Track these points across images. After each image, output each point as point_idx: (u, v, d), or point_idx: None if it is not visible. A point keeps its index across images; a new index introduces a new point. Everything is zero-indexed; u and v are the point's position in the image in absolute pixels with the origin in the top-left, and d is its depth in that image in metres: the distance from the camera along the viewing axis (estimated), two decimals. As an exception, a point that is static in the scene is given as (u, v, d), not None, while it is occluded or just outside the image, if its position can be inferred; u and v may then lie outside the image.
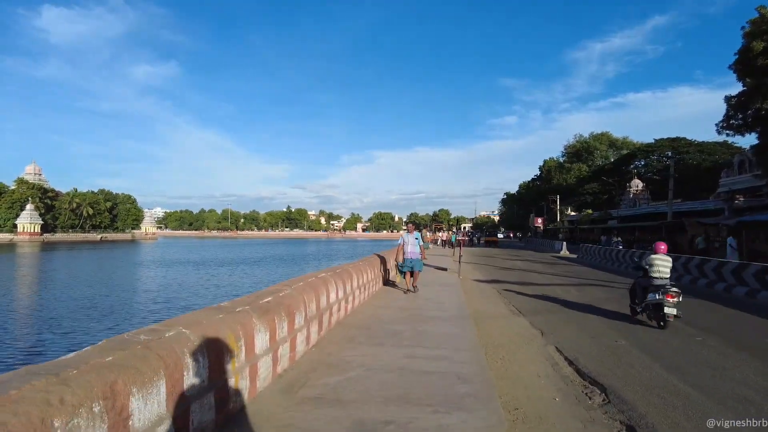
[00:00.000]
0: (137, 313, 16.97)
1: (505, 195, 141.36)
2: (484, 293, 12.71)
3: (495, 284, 14.94)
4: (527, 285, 14.78)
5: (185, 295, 21.54)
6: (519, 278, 17.02)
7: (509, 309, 10.29)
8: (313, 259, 51.90)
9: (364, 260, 10.64)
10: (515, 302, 11.14)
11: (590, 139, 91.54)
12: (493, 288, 13.96)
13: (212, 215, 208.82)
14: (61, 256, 51.67)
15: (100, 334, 12.80)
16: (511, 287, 14.13)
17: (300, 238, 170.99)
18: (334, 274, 7.41)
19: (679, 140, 70.34)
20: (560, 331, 8.09)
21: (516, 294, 12.63)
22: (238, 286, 25.48)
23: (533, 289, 13.79)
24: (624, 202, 63.89)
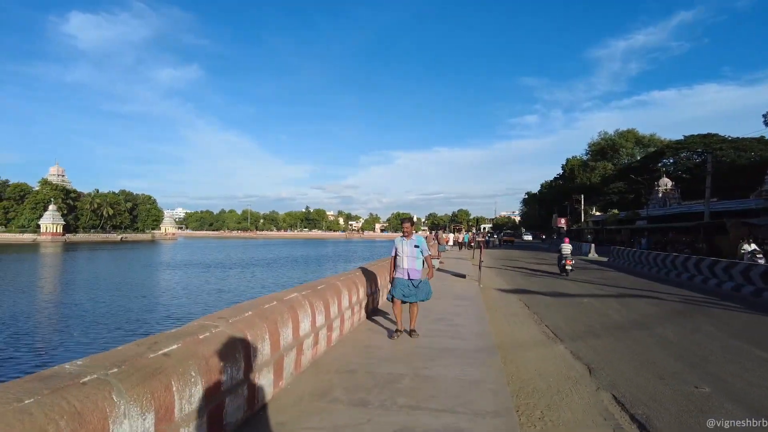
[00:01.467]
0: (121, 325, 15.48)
1: (526, 195, 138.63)
2: (509, 308, 10.73)
3: (521, 294, 12.97)
4: (559, 296, 12.78)
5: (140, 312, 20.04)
6: (548, 286, 14.98)
7: (543, 331, 8.32)
8: (328, 261, 50.25)
9: (362, 269, 8.79)
10: (549, 320, 9.19)
11: (616, 136, 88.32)
12: (519, 300, 11.99)
13: (232, 216, 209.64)
14: (80, 257, 51.08)
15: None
16: (540, 299, 12.16)
17: (318, 238, 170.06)
18: (313, 293, 5.59)
19: (711, 136, 67.05)
20: (614, 366, 6.13)
21: (547, 308, 10.66)
22: (232, 292, 23.93)
23: (566, 301, 11.80)
24: (652, 201, 60.94)
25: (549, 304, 11.23)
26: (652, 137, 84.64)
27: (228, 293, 22.87)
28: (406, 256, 6.74)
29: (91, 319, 15.77)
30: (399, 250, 6.83)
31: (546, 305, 11.09)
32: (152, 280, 28.70)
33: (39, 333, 13.70)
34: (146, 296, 21.59)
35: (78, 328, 14.22)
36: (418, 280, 6.70)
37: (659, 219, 51.63)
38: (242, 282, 28.05)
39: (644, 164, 72.90)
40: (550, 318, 9.43)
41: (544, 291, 13.75)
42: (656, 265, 20.62)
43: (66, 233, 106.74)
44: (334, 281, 6.75)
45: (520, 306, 11.06)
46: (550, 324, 8.83)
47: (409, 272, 6.71)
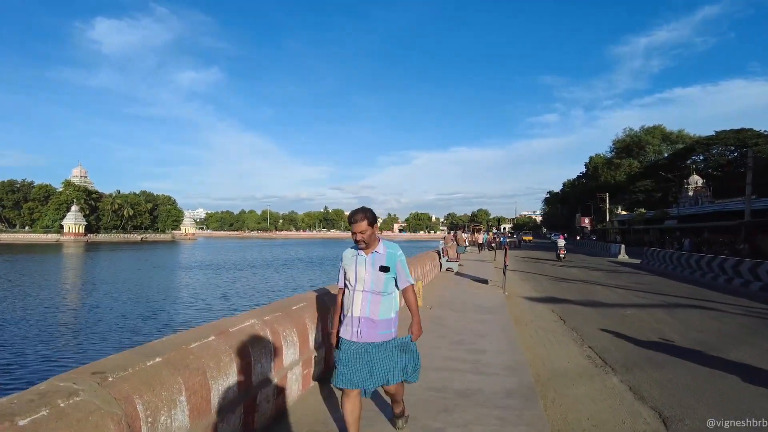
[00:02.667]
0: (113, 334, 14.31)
1: (548, 194, 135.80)
2: (542, 322, 9.11)
3: (553, 304, 11.33)
4: (597, 306, 11.11)
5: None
6: (581, 294, 13.29)
7: (587, 355, 6.69)
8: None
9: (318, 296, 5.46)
10: (592, 339, 7.56)
11: (641, 132, 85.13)
12: (552, 311, 10.35)
13: (252, 216, 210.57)
14: (97, 258, 50.75)
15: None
16: (576, 310, 10.51)
17: (336, 238, 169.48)
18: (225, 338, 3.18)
19: (745, 131, 63.92)
20: (695, 412, 4.50)
21: (587, 322, 9.00)
22: (237, 296, 22.75)
23: (606, 312, 10.14)
24: (682, 200, 58.20)
25: (587, 317, 9.59)
26: (680, 133, 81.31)
27: (232, 297, 21.67)
28: (359, 290, 3.20)
29: (81, 328, 14.64)
30: (349, 275, 3.29)
31: (584, 318, 9.46)
32: (159, 283, 27.71)
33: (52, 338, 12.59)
34: (141, 301, 20.48)
35: (63, 338, 13.08)
36: (385, 344, 3.19)
37: (691, 218, 49.00)
38: (245, 286, 26.90)
39: (672, 161, 70.07)
40: (592, 336, 7.82)
41: (578, 300, 12.08)
42: (699, 269, 18.68)
43: (88, 234, 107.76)
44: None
45: (554, 319, 9.45)
46: (595, 345, 7.21)
47: (362, 326, 3.16)
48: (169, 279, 29.63)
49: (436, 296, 10.79)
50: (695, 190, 56.86)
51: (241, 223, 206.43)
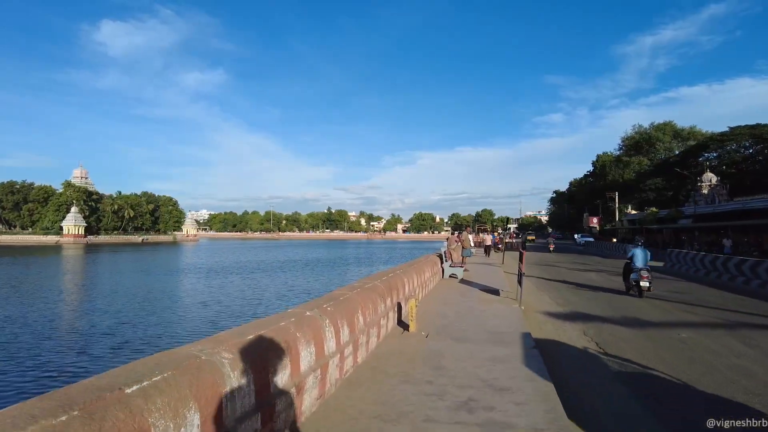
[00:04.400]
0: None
1: (554, 193, 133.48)
2: (575, 352, 6.90)
3: (582, 323, 9.07)
4: (637, 326, 8.83)
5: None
6: (613, 308, 11.00)
7: (658, 417, 4.47)
8: (341, 265, 46.85)
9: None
10: (655, 386, 5.36)
11: (651, 129, 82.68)
12: (583, 334, 8.09)
13: (255, 217, 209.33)
14: (94, 260, 49.12)
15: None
16: (615, 332, 8.22)
17: (340, 239, 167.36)
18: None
19: (761, 127, 61.33)
20: None
21: (638, 355, 6.56)
22: (220, 305, 20.67)
23: (656, 336, 7.89)
24: (695, 198, 55.68)
25: (634, 345, 7.30)
26: (692, 130, 78.79)
27: (216, 306, 19.55)
28: None
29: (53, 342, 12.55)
30: None
31: (630, 347, 7.16)
32: (145, 291, 25.63)
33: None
34: (118, 313, 18.38)
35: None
36: None
37: (708, 217, 46.55)
38: (236, 292, 24.80)
39: (684, 159, 67.65)
40: (651, 381, 5.57)
41: (612, 317, 9.81)
42: (741, 274, 16.35)
43: (88, 235, 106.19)
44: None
45: (592, 348, 7.18)
46: (667, 402, 4.96)
47: None
48: (160, 286, 27.55)
49: (436, 315, 8.59)
50: (710, 188, 54.41)
51: (244, 224, 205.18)
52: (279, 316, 3.97)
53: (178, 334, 13.73)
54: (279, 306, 19.56)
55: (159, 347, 11.79)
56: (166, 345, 11.84)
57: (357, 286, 6.01)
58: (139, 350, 11.77)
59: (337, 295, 5.15)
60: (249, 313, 17.58)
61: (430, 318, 8.18)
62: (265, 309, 18.82)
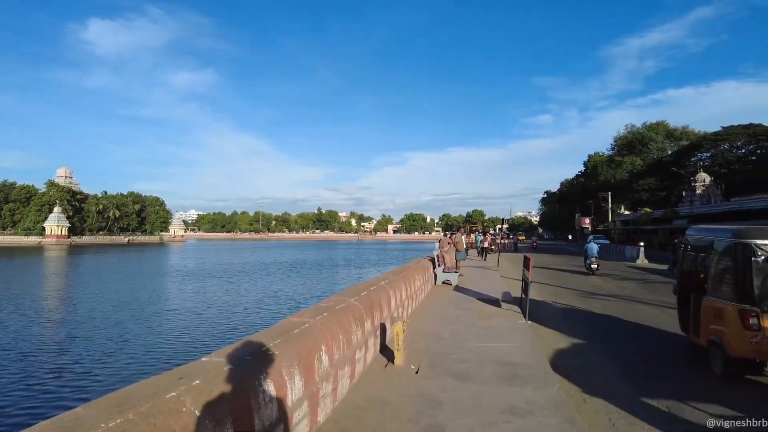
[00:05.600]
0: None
1: (545, 194, 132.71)
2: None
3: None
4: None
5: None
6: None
7: None
8: (330, 267, 45.25)
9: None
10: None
11: (644, 129, 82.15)
12: (609, 362, 6.68)
13: (244, 217, 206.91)
14: (80, 262, 47.07)
15: None
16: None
17: (330, 240, 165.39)
18: None
19: (754, 126, 60.83)
20: None
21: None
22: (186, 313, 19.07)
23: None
24: (690, 198, 54.89)
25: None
26: (684, 130, 78.25)
27: (187, 318, 17.93)
28: None
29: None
30: None
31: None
32: (115, 297, 23.93)
33: None
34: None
35: None
36: None
37: (704, 218, 45.61)
38: (213, 299, 23.19)
39: (677, 159, 67.02)
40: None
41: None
42: None
43: (71, 236, 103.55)
44: None
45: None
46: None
47: None
48: (126, 292, 25.82)
49: (429, 336, 7.11)
50: (705, 188, 53.65)
51: (233, 224, 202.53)
52: (177, 373, 2.47)
53: (131, 362, 11.65)
54: (256, 315, 18.01)
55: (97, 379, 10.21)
56: (106, 377, 10.27)
57: (324, 308, 4.51)
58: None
59: (291, 327, 3.65)
60: (220, 326, 15.96)
61: (421, 341, 6.70)
62: (241, 318, 17.25)
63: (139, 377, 3.10)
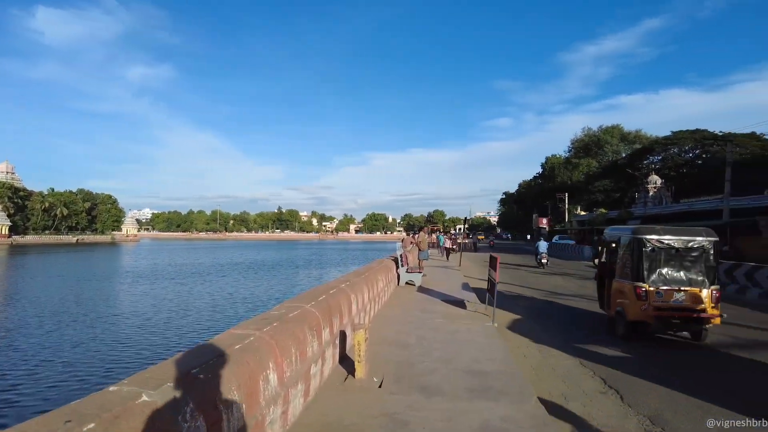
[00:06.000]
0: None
1: (504, 194, 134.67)
2: (593, 411, 5.08)
3: (575, 347, 7.35)
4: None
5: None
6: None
7: None
8: (290, 268, 44.23)
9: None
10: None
11: (600, 132, 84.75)
12: (584, 369, 6.34)
13: (201, 216, 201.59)
14: (18, 263, 43.89)
15: None
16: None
17: (290, 239, 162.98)
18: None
19: (701, 132, 63.46)
20: None
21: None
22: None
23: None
24: (641, 200, 56.79)
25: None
26: (638, 133, 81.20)
27: (130, 324, 16.79)
28: None
29: None
30: None
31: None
32: (47, 301, 22.31)
33: None
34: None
35: None
36: None
37: (657, 218, 47.18)
38: (162, 303, 21.99)
39: (631, 161, 69.23)
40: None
41: (600, 338, 8.12)
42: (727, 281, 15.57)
43: (12, 235, 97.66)
44: None
45: (600, 390, 5.39)
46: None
47: None
48: (59, 296, 24.17)
49: (392, 343, 6.59)
50: (656, 190, 55.51)
51: (189, 223, 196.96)
52: (64, 413, 1.84)
53: (52, 385, 9.99)
54: (210, 320, 17.06)
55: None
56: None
57: (275, 317, 3.90)
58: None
59: (231, 342, 3.03)
60: (169, 333, 14.92)
61: (385, 349, 6.17)
62: (192, 324, 16.25)
63: (51, 405, 2.43)
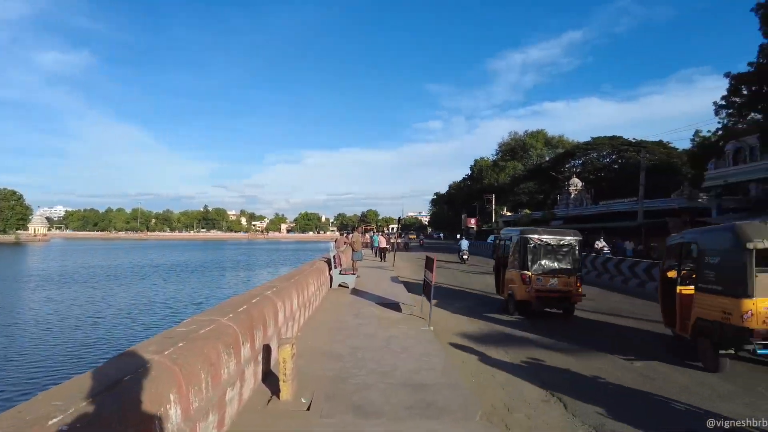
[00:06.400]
0: None
1: (435, 195, 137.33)
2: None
3: (515, 351, 7.14)
4: (583, 354, 7.11)
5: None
6: (541, 326, 9.38)
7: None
8: (215, 269, 42.25)
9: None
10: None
11: (525, 136, 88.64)
12: (522, 373, 6.10)
13: (120, 215, 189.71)
14: None
15: None
16: (561, 365, 6.39)
17: (218, 239, 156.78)
18: None
19: (617, 138, 67.66)
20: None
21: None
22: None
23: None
24: (564, 201, 59.79)
25: (592, 391, 5.45)
26: (561, 138, 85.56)
27: (32, 336, 15.02)
28: None
29: None
30: None
31: (591, 393, 5.30)
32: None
33: None
34: None
35: None
36: None
37: (578, 219, 49.74)
38: (67, 309, 20.05)
39: (554, 165, 72.56)
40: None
41: (547, 342, 7.98)
42: (619, 273, 16.68)
43: None
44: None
45: (541, 398, 5.14)
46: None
47: None
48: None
49: (323, 355, 6.02)
50: (577, 192, 58.50)
51: (107, 222, 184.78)
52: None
53: None
54: (125, 328, 15.62)
55: None
56: None
57: (181, 335, 3.23)
58: None
59: (123, 371, 2.36)
60: (74, 343, 13.46)
61: (314, 361, 5.60)
62: (102, 334, 14.78)
63: None
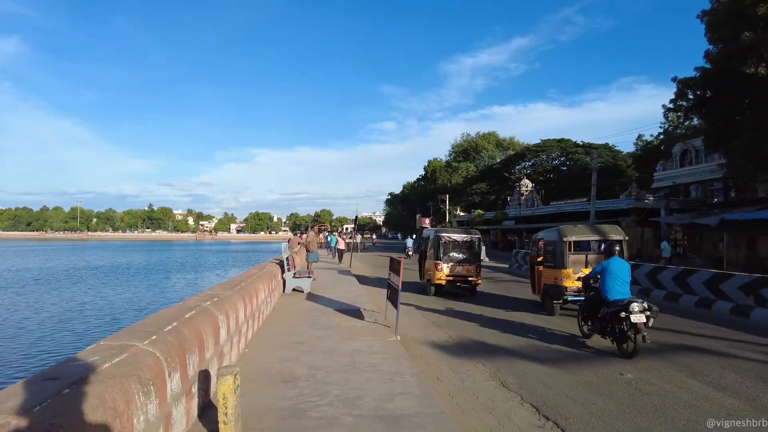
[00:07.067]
0: None
1: (389, 195, 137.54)
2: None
3: (488, 361, 6.43)
4: (558, 362, 6.43)
5: None
6: (509, 332, 8.75)
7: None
8: (159, 272, 39.93)
9: None
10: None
11: (477, 138, 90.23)
12: (496, 384, 5.38)
13: (58, 214, 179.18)
14: None
15: None
16: (536, 374, 5.70)
17: (164, 240, 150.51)
18: None
19: (565, 141, 69.59)
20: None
21: (594, 418, 4.25)
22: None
23: (594, 380, 5.54)
24: (514, 202, 60.90)
25: (572, 397, 4.80)
26: (511, 140, 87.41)
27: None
28: None
29: None
30: None
31: (571, 400, 4.64)
32: None
33: None
34: None
35: None
36: None
37: (530, 219, 50.60)
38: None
39: (505, 166, 73.80)
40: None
41: (517, 348, 7.31)
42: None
43: None
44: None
45: (524, 416, 4.43)
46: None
47: None
48: None
49: (275, 378, 5.06)
50: (529, 193, 59.59)
51: (42, 221, 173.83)
52: None
53: None
54: (53, 338, 13.92)
55: None
56: None
57: (71, 376, 2.24)
58: None
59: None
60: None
61: (264, 388, 4.63)
62: (27, 348, 13.08)
63: None
